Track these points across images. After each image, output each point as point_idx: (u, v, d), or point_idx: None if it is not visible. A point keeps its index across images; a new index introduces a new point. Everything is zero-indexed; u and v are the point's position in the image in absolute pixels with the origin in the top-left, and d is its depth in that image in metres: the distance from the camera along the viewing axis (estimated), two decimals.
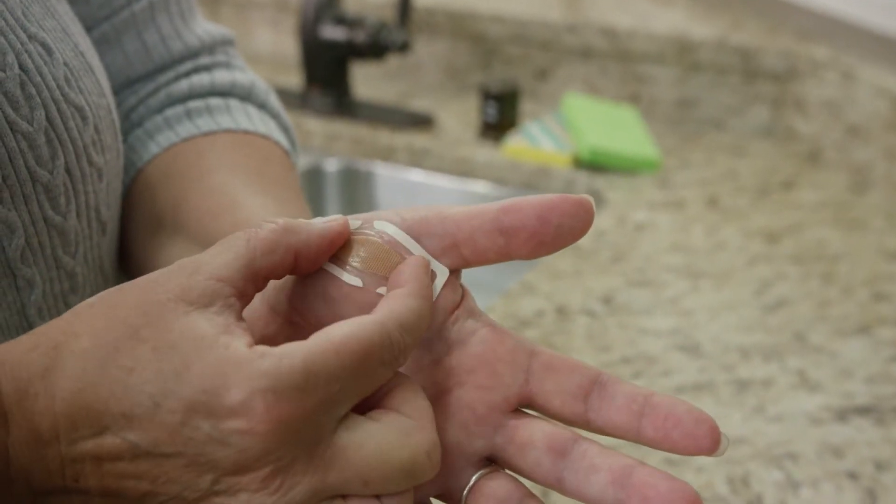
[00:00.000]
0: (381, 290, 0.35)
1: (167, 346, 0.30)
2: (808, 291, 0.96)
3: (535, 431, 0.35)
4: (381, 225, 0.36)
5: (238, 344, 0.31)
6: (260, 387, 0.30)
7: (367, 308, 0.35)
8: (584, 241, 1.06)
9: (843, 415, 0.77)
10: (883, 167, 1.19)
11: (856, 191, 1.19)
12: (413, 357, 0.36)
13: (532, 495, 0.35)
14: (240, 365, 0.30)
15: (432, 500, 0.37)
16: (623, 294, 0.95)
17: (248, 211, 0.47)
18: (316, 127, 1.43)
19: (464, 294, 0.37)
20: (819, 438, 0.74)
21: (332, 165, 1.43)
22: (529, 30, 1.46)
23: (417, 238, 0.36)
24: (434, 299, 0.35)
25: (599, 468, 0.34)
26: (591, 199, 0.35)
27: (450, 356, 0.36)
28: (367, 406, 0.33)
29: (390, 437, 0.32)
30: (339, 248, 0.36)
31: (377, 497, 0.32)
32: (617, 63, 1.43)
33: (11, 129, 0.40)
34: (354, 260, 0.35)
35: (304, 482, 0.30)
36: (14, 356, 0.31)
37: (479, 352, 0.36)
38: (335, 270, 0.35)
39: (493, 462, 0.36)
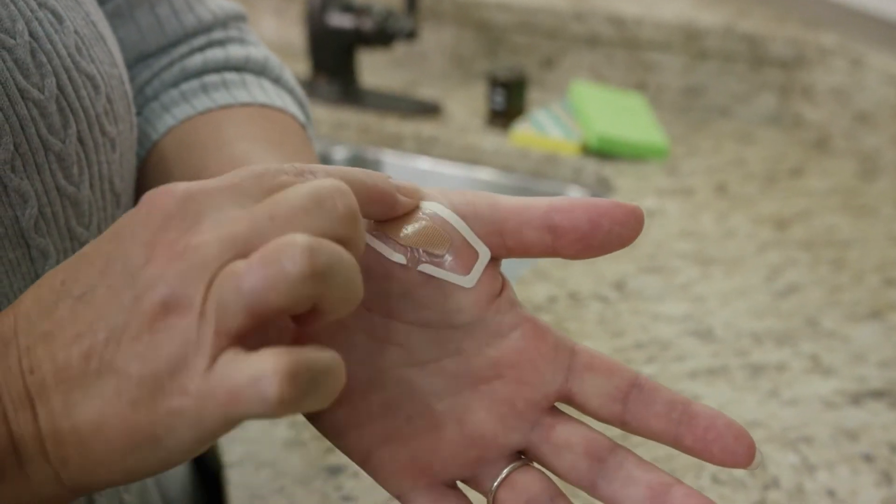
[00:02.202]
0: (423, 267, 0.35)
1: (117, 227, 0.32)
2: (819, 277, 0.96)
3: (573, 434, 0.35)
4: (428, 205, 0.36)
5: None
6: (156, 187, 0.31)
7: (408, 286, 0.35)
8: None
9: (857, 398, 0.77)
10: (891, 154, 1.19)
11: (864, 178, 1.20)
12: (453, 341, 0.36)
13: (562, 494, 0.35)
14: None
15: (460, 484, 0.37)
16: (635, 280, 0.96)
17: None
18: (323, 115, 1.43)
19: (504, 284, 0.37)
20: (834, 422, 0.74)
21: (339, 153, 1.43)
22: (536, 18, 1.46)
23: (463, 219, 0.35)
24: (475, 281, 0.35)
25: (638, 481, 0.34)
26: (643, 210, 0.35)
27: (490, 347, 0.36)
28: None
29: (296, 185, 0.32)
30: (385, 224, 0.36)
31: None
32: (624, 51, 1.43)
33: (22, 97, 0.40)
34: (400, 236, 0.35)
35: (211, 237, 0.30)
36: None
37: (522, 347, 0.36)
38: (379, 246, 0.35)
39: (523, 456, 0.36)
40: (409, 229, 0.35)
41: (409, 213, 0.35)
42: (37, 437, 0.31)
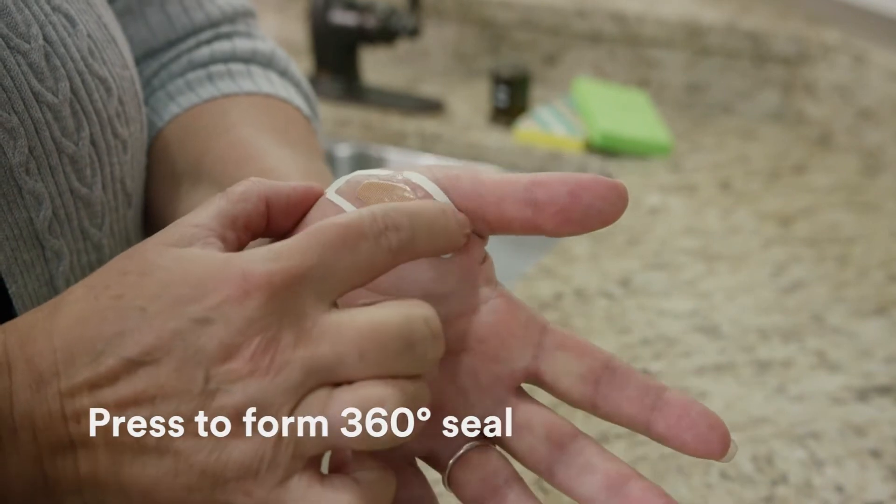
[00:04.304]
0: None
1: (153, 268, 0.31)
2: (824, 273, 0.96)
3: (534, 416, 0.35)
4: (409, 175, 0.35)
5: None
6: (235, 263, 0.30)
7: None
8: None
9: (863, 394, 0.77)
10: (894, 150, 1.19)
11: (867, 174, 1.20)
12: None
13: (519, 478, 0.35)
14: (220, 260, 0.30)
15: (420, 462, 0.37)
16: (640, 276, 0.96)
17: (276, 160, 0.46)
18: (326, 112, 1.43)
19: (485, 259, 0.36)
20: (841, 417, 0.74)
21: (343, 151, 1.43)
22: (538, 15, 1.46)
23: (445, 192, 0.35)
24: (451, 253, 0.35)
25: (596, 469, 0.33)
26: (626, 186, 0.34)
27: (460, 319, 0.35)
28: None
29: (383, 310, 0.30)
30: (375, 194, 0.35)
31: (390, 378, 0.30)
32: (626, 48, 1.43)
33: (37, 101, 0.40)
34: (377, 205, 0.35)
35: (295, 358, 0.29)
36: (21, 318, 0.32)
37: (492, 321, 0.35)
38: None
39: (484, 437, 0.36)
40: (387, 200, 0.35)
41: (391, 185, 0.35)
42: (75, 482, 0.30)
